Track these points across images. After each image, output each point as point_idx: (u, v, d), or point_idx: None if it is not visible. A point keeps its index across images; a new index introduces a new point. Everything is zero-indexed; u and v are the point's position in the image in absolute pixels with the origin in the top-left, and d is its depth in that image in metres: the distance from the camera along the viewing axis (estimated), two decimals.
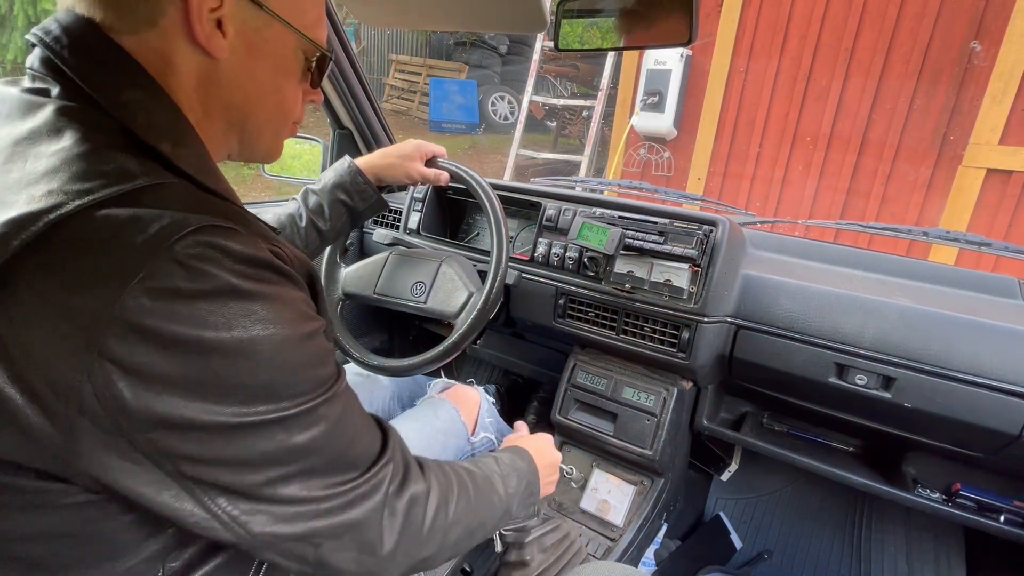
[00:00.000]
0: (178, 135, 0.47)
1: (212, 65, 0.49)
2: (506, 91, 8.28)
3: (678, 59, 3.63)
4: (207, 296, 0.39)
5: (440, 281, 1.12)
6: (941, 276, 1.16)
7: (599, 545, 1.18)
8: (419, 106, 8.49)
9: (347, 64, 1.37)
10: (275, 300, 0.43)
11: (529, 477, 0.80)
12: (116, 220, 0.38)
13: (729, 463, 1.49)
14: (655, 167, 4.09)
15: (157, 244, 0.38)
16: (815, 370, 1.03)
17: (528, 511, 0.80)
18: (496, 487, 0.71)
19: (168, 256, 0.38)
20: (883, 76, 3.16)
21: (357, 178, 1.02)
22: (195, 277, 0.39)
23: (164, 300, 0.38)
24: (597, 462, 1.28)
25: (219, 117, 0.52)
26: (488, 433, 1.17)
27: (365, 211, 1.05)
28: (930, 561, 1.38)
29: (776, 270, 1.14)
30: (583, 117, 5.92)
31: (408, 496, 0.54)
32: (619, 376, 1.24)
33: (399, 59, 9.02)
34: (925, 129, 3.09)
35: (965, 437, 0.99)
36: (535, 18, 0.76)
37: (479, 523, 0.67)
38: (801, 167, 3.57)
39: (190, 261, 0.39)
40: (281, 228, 0.99)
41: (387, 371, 1.10)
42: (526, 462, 0.81)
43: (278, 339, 0.42)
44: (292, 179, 1.57)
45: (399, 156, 1.06)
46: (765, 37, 3.48)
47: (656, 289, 1.09)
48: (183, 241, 0.39)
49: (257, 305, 0.42)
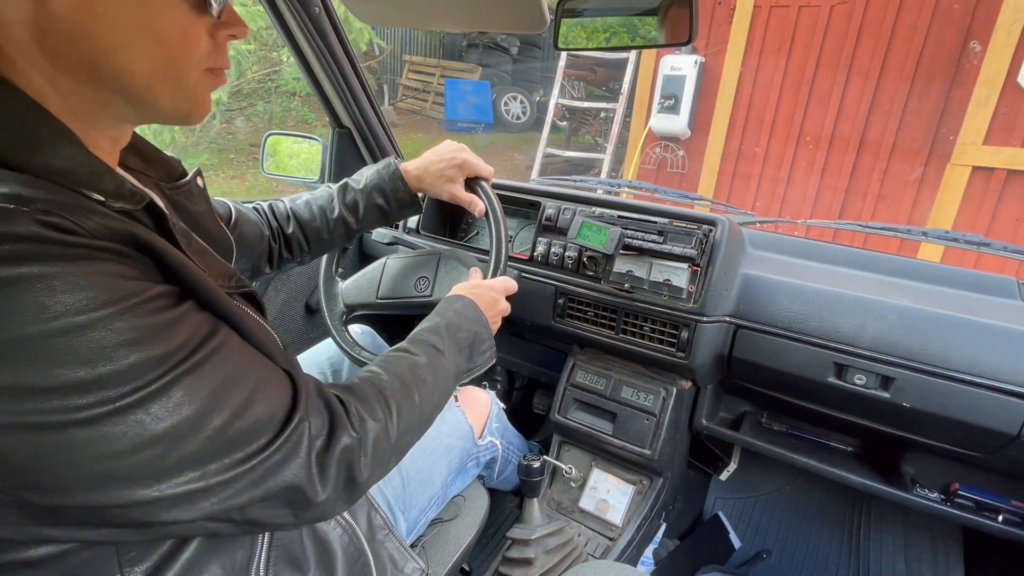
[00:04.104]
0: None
1: (44, 12, 0.40)
2: (518, 91, 8.39)
3: (693, 65, 3.97)
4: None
5: (443, 271, 1.12)
6: (940, 276, 1.16)
7: (598, 544, 1.18)
8: (432, 105, 8.64)
9: (346, 63, 1.36)
10: (50, 280, 0.36)
11: (476, 327, 0.81)
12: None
13: (728, 463, 1.49)
14: (670, 164, 4.43)
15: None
16: (814, 370, 1.03)
17: (483, 358, 0.82)
18: (441, 364, 0.72)
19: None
20: (880, 81, 3.49)
21: (398, 184, 1.01)
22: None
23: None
24: (596, 462, 1.28)
25: (76, 75, 0.43)
26: (494, 438, 1.16)
27: (400, 215, 1.04)
28: (928, 561, 1.38)
29: (775, 270, 1.14)
30: (600, 118, 6.28)
31: (339, 450, 0.51)
32: (618, 376, 1.24)
33: (413, 60, 9.13)
34: (918, 130, 3.41)
35: (964, 437, 0.99)
36: (534, 18, 0.76)
37: (432, 410, 0.68)
38: (805, 165, 3.89)
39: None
40: (311, 218, 1.00)
41: None
42: (472, 312, 0.83)
43: (68, 327, 0.36)
44: (290, 178, 1.57)
45: (442, 173, 1.01)
46: (773, 46, 3.85)
47: (655, 289, 1.09)
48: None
49: (20, 292, 0.35)
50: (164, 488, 0.41)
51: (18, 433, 0.36)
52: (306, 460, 0.48)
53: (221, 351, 0.45)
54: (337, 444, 0.52)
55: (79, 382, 0.37)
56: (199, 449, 0.42)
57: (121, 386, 0.38)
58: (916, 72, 3.34)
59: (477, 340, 0.81)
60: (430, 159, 1.03)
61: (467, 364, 0.79)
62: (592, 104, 5.65)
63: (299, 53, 1.32)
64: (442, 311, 0.82)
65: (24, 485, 0.37)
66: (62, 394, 0.36)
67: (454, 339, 0.77)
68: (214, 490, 0.43)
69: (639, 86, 4.62)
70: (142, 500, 0.40)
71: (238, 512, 0.45)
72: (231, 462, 0.44)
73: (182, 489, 0.41)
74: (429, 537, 0.97)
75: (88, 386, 0.37)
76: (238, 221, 0.88)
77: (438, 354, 0.73)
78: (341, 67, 1.36)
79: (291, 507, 0.49)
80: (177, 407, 0.41)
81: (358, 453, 0.53)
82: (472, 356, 0.80)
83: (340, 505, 0.54)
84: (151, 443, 0.39)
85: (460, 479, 1.06)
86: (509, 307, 0.96)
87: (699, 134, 4.24)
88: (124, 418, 0.38)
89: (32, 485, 0.37)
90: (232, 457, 0.44)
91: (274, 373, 0.51)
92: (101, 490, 0.39)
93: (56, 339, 0.36)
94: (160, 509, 0.41)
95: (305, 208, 1.00)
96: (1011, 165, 3.07)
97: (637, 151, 4.49)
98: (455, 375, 0.76)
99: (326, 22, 1.27)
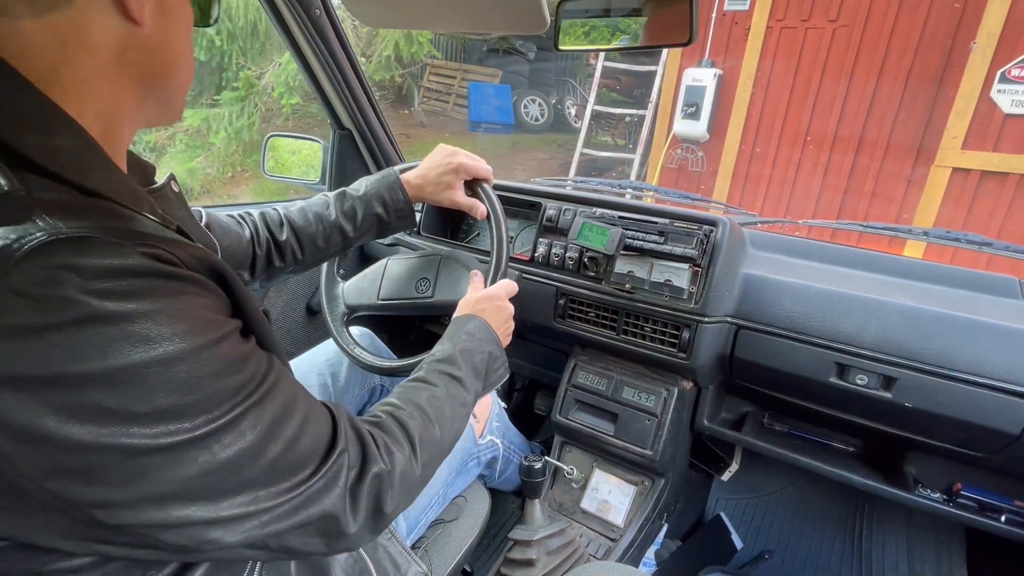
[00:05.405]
0: (46, 126, 0.41)
1: (133, 34, 0.45)
2: (536, 94, 8.78)
3: (712, 77, 4.73)
4: (63, 327, 0.35)
5: (444, 273, 1.12)
6: (941, 275, 1.15)
7: (600, 545, 1.18)
8: (454, 107, 8.91)
9: (346, 64, 1.36)
10: (155, 315, 0.38)
11: (490, 348, 0.81)
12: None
13: (730, 463, 1.48)
14: (691, 164, 5.09)
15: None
16: (816, 370, 1.03)
17: (497, 375, 0.82)
18: (459, 393, 0.72)
19: (5, 288, 0.34)
20: (875, 93, 4.14)
21: (398, 194, 0.99)
22: (44, 308, 0.34)
23: (10, 340, 0.34)
24: (598, 462, 1.28)
25: (138, 88, 0.48)
26: (495, 437, 1.16)
27: (396, 227, 1.03)
28: (931, 561, 1.38)
29: (776, 270, 1.14)
30: (625, 122, 7.29)
31: (369, 479, 0.53)
32: (619, 376, 1.24)
33: (434, 63, 9.28)
34: (907, 135, 4.08)
35: (966, 437, 0.98)
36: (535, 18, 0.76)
37: (452, 439, 0.68)
38: (809, 166, 4.51)
39: (33, 290, 0.34)
40: (306, 224, 0.97)
41: (386, 371, 1.10)
42: (484, 332, 0.83)
43: (166, 358, 0.38)
44: (292, 179, 1.57)
45: (440, 180, 1.00)
46: (782, 61, 4.51)
47: (656, 289, 1.09)
48: (21, 267, 0.34)
49: (130, 325, 0.37)
50: (219, 510, 0.42)
51: (112, 453, 0.37)
52: (343, 490, 0.50)
53: (279, 384, 0.48)
54: (368, 475, 0.53)
55: (168, 409, 0.39)
56: (255, 476, 0.44)
57: (202, 415, 0.40)
58: (906, 86, 4.00)
59: (492, 359, 0.81)
60: (427, 167, 1.02)
61: (483, 384, 0.79)
62: (625, 111, 6.42)
63: (299, 55, 1.32)
64: (454, 335, 0.81)
65: (100, 503, 0.38)
66: (153, 420, 0.38)
67: (470, 364, 0.77)
68: (259, 515, 0.44)
69: (663, 95, 5.38)
70: (197, 520, 0.41)
71: (275, 539, 0.46)
72: (278, 490, 0.45)
73: (233, 512, 0.43)
74: (431, 539, 0.97)
75: (175, 414, 0.39)
76: (211, 227, 0.86)
77: (455, 383, 0.73)
78: (342, 69, 1.36)
79: (325, 536, 0.50)
80: (241, 436, 0.43)
81: (387, 484, 0.54)
82: (488, 375, 0.80)
83: (367, 536, 0.54)
84: (217, 469, 0.41)
85: (461, 479, 1.06)
86: (513, 310, 0.96)
87: (716, 138, 4.90)
88: (201, 445, 0.40)
89: (108, 503, 0.39)
90: (280, 485, 0.46)
91: (315, 403, 0.53)
92: (165, 509, 0.40)
93: (156, 369, 0.38)
94: (209, 530, 0.42)
95: (300, 215, 0.98)
96: (984, 167, 3.72)
97: (663, 152, 5.18)
98: (473, 400, 0.76)
99: (326, 23, 1.27)
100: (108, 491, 0.38)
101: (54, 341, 0.35)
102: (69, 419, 0.36)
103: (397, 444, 0.59)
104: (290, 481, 0.46)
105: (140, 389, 0.37)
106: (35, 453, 0.35)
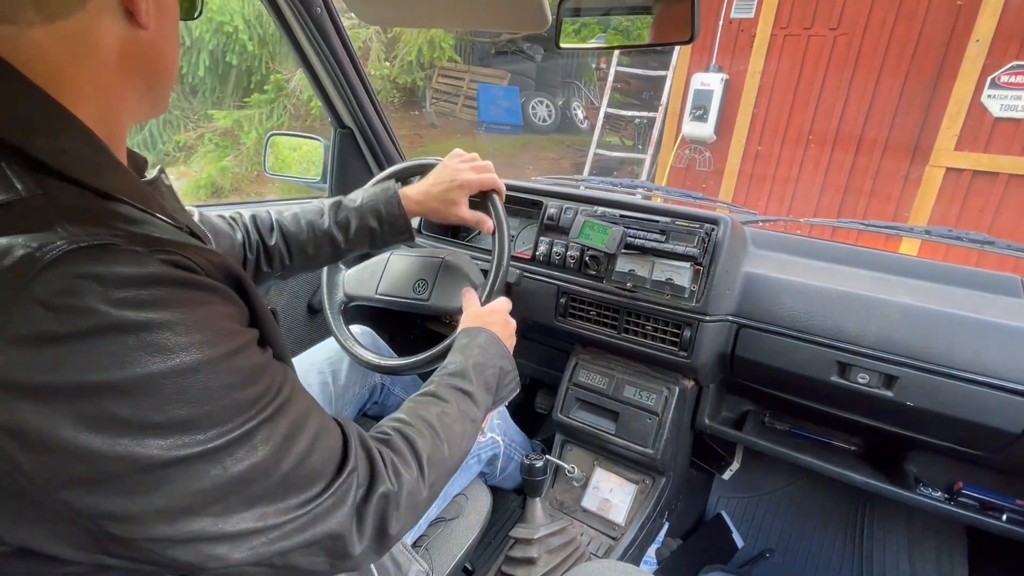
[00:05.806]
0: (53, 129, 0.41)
1: (135, 37, 0.46)
2: (543, 96, 8.97)
3: (719, 82, 4.99)
4: (84, 336, 0.35)
5: (442, 277, 1.12)
6: (943, 274, 1.15)
7: (601, 544, 1.18)
8: (462, 108, 8.99)
9: (348, 63, 1.36)
10: (174, 325, 0.38)
11: (502, 362, 0.80)
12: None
13: (731, 462, 1.48)
14: (698, 164, 5.33)
15: (11, 285, 0.33)
16: (817, 369, 1.02)
17: (508, 390, 0.81)
18: (470, 409, 0.71)
19: (27, 298, 0.34)
20: (874, 96, 4.39)
21: (394, 208, 0.97)
22: (64, 318, 0.34)
23: (30, 349, 0.34)
24: (599, 461, 1.28)
25: (137, 88, 0.49)
26: (496, 434, 1.16)
27: (391, 241, 1.01)
28: (932, 560, 1.38)
29: (777, 268, 1.14)
30: (634, 124, 7.52)
31: (376, 499, 0.52)
32: (621, 375, 1.24)
33: (443, 65, 9.32)
34: (904, 136, 4.34)
35: (967, 436, 0.98)
36: (536, 17, 0.76)
37: (460, 457, 0.67)
38: (811, 166, 4.75)
39: (55, 299, 0.34)
40: (297, 231, 0.95)
41: (386, 370, 1.10)
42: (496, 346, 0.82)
43: (183, 369, 0.38)
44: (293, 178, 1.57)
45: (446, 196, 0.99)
46: (786, 67, 4.75)
47: (658, 288, 1.09)
48: (43, 277, 0.34)
49: (149, 335, 0.37)
50: (226, 525, 0.41)
51: (126, 463, 0.37)
52: (351, 509, 0.50)
53: (293, 397, 0.47)
54: (375, 495, 0.52)
55: (183, 421, 0.38)
56: (265, 492, 0.43)
57: (216, 427, 0.40)
58: (903, 90, 4.28)
59: (503, 374, 0.80)
60: (430, 182, 1.00)
61: (494, 399, 0.78)
62: (636, 113, 6.71)
63: (301, 53, 1.32)
64: (466, 348, 0.80)
65: (111, 514, 0.38)
66: (169, 431, 0.38)
67: (482, 378, 0.76)
68: (267, 531, 0.44)
69: (672, 98, 5.66)
70: (205, 535, 0.41)
71: (280, 557, 0.45)
72: (287, 506, 0.45)
73: (241, 527, 0.42)
74: (431, 537, 0.97)
75: (189, 425, 0.39)
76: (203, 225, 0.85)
77: (467, 398, 0.72)
78: (343, 67, 1.36)
79: (330, 555, 0.49)
80: (254, 451, 0.42)
81: (393, 506, 0.53)
82: (499, 390, 0.79)
83: (371, 556, 0.53)
84: (228, 483, 0.41)
85: (462, 476, 1.06)
86: (515, 325, 0.95)
87: (723, 139, 5.16)
88: (213, 458, 0.40)
89: (119, 515, 0.38)
90: (289, 501, 0.45)
91: (327, 418, 0.52)
92: (174, 523, 0.40)
93: (172, 379, 0.38)
94: (216, 545, 0.42)
95: (292, 220, 0.95)
96: (975, 167, 3.99)
97: (672, 152, 5.43)
98: (483, 416, 0.75)
99: (327, 22, 1.27)
100: (119, 502, 0.38)
101: (73, 350, 0.35)
102: (85, 428, 0.35)
103: (405, 464, 0.58)
104: (299, 498, 0.46)
105: (156, 399, 0.37)
106: (49, 461, 0.35)
